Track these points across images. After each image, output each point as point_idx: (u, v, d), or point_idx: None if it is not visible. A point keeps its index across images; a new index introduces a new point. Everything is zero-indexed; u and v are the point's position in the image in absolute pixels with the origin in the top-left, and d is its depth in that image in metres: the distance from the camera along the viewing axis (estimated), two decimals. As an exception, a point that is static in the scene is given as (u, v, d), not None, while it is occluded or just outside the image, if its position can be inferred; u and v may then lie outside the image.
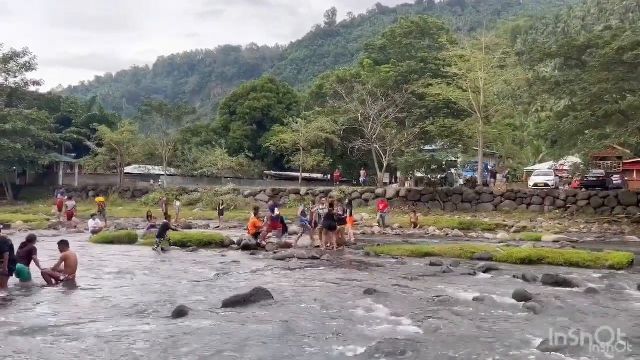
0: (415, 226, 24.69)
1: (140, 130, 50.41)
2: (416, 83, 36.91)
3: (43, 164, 42.46)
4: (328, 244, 16.29)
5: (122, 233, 19.34)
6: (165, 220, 17.61)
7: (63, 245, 10.52)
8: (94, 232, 19.96)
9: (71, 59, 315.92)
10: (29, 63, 42.77)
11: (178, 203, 29.19)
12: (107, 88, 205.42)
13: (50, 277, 10.17)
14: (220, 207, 27.77)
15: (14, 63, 42.48)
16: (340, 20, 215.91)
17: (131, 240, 18.21)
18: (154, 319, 7.43)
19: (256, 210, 18.46)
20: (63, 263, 10.32)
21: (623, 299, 9.08)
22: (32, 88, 45.18)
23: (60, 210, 27.67)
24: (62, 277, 10.22)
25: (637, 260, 13.49)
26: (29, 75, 43.46)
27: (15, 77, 43.04)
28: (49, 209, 33.26)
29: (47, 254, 11.58)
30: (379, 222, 24.87)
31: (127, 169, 47.45)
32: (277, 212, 18.29)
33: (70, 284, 10.15)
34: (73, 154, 48.59)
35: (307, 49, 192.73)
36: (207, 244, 17.07)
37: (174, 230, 17.78)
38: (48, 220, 24.76)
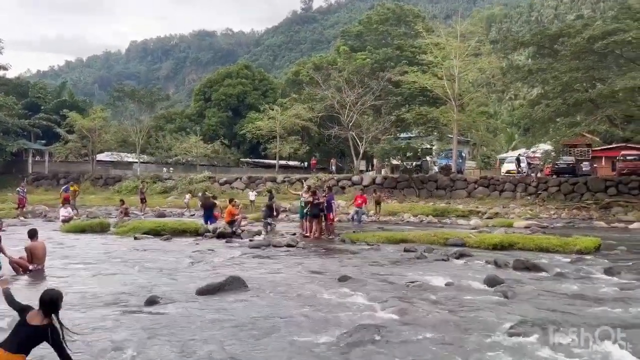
0: (379, 204, 24.66)
1: (113, 116, 49.38)
2: (392, 70, 37.02)
3: (11, 151, 41.22)
4: (313, 232, 16.37)
5: (94, 222, 18.98)
6: (268, 203, 17.61)
7: (31, 235, 10.26)
8: (64, 220, 19.53)
9: (39, 42, 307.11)
10: (-5, 46, 41.31)
11: (188, 195, 29.21)
12: (78, 73, 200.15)
13: (18, 266, 9.92)
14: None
15: (-21, 46, 41.00)
16: (317, 6, 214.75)
17: (104, 228, 17.90)
18: (125, 308, 7.32)
19: (231, 199, 18.49)
20: (30, 254, 10.06)
21: (590, 283, 9.33)
22: (-2, 72, 43.74)
23: (68, 201, 26.23)
24: (30, 267, 9.98)
25: (604, 245, 13.89)
26: (-5, 59, 42.03)
27: (-20, 61, 41.54)
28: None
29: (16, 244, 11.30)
30: (352, 218, 21.98)
31: (100, 157, 46.57)
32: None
33: (39, 274, 9.92)
34: (42, 141, 47.37)
35: (283, 35, 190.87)
36: (181, 232, 16.88)
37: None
38: (17, 208, 24.07)
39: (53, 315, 4.39)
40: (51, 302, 4.41)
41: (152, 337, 5.99)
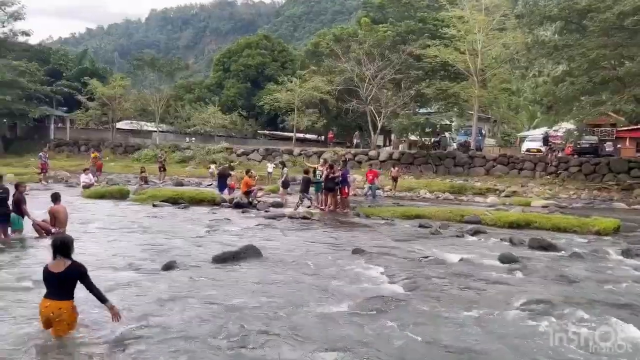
0: (395, 181, 24.74)
1: (133, 85, 49.60)
2: (414, 44, 36.26)
3: (34, 117, 41.83)
4: (328, 205, 16.49)
5: (114, 188, 19.33)
6: (305, 175, 17.41)
7: (54, 199, 10.49)
8: (85, 186, 19.89)
9: (59, 9, 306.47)
10: (18, 12, 41.38)
11: (213, 165, 29.30)
12: (99, 41, 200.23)
13: (41, 229, 10.19)
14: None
15: (2, 12, 41.12)
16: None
17: (123, 195, 18.22)
18: (143, 272, 7.51)
19: (247, 170, 18.66)
20: (53, 217, 10.31)
21: (606, 264, 9.25)
22: (21, 39, 44.03)
23: (100, 168, 27.36)
24: (53, 230, 10.24)
25: (623, 227, 13.69)
26: (18, 25, 42.22)
27: (4, 27, 41.81)
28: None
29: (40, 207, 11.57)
30: (366, 194, 21.69)
31: (119, 125, 47.00)
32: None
33: (61, 238, 10.17)
34: (64, 108, 47.90)
35: (304, 6, 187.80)
36: (199, 201, 17.12)
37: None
38: (39, 173, 24.60)
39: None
40: (62, 244, 4.59)
41: (167, 300, 6.16)
